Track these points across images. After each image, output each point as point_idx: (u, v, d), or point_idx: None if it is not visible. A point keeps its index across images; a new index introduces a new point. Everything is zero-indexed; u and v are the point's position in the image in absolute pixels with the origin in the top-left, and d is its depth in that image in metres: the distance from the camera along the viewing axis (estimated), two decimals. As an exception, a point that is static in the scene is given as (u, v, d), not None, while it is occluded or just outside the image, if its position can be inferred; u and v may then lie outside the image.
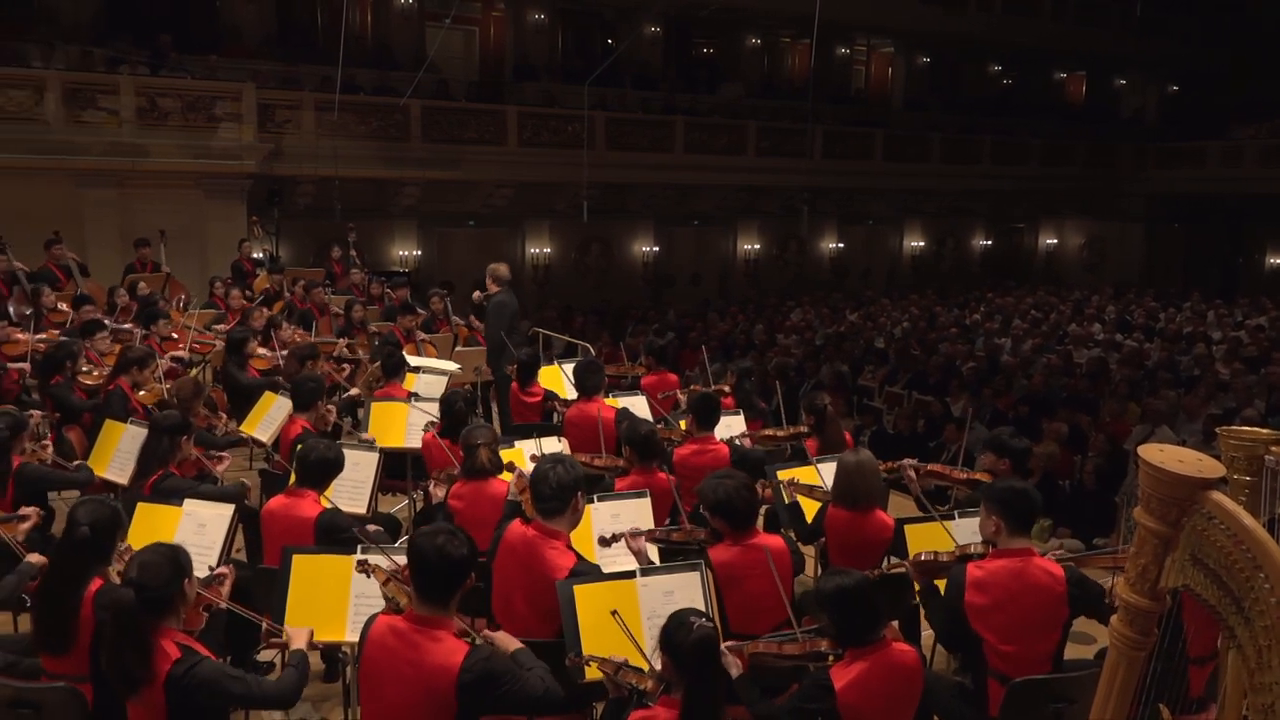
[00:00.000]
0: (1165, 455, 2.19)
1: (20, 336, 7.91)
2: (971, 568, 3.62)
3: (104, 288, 10.48)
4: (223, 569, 3.36)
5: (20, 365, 7.48)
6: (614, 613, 3.28)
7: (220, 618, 3.33)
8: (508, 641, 3.18)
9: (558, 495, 3.77)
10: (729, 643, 3.34)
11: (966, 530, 4.34)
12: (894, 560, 4.30)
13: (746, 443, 6.11)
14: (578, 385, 6.36)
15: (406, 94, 16.44)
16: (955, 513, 4.57)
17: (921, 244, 26.10)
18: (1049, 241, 28.40)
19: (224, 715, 3.10)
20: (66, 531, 3.44)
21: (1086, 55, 27.08)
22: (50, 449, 5.43)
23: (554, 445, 5.59)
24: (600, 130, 18.89)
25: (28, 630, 4.06)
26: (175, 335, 8.48)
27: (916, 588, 4.04)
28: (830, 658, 3.22)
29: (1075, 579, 3.59)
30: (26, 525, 4.15)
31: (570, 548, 3.80)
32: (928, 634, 4.75)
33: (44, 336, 8.16)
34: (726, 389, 7.04)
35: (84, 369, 6.98)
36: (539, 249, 20.63)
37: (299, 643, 3.22)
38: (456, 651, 2.88)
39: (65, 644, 3.32)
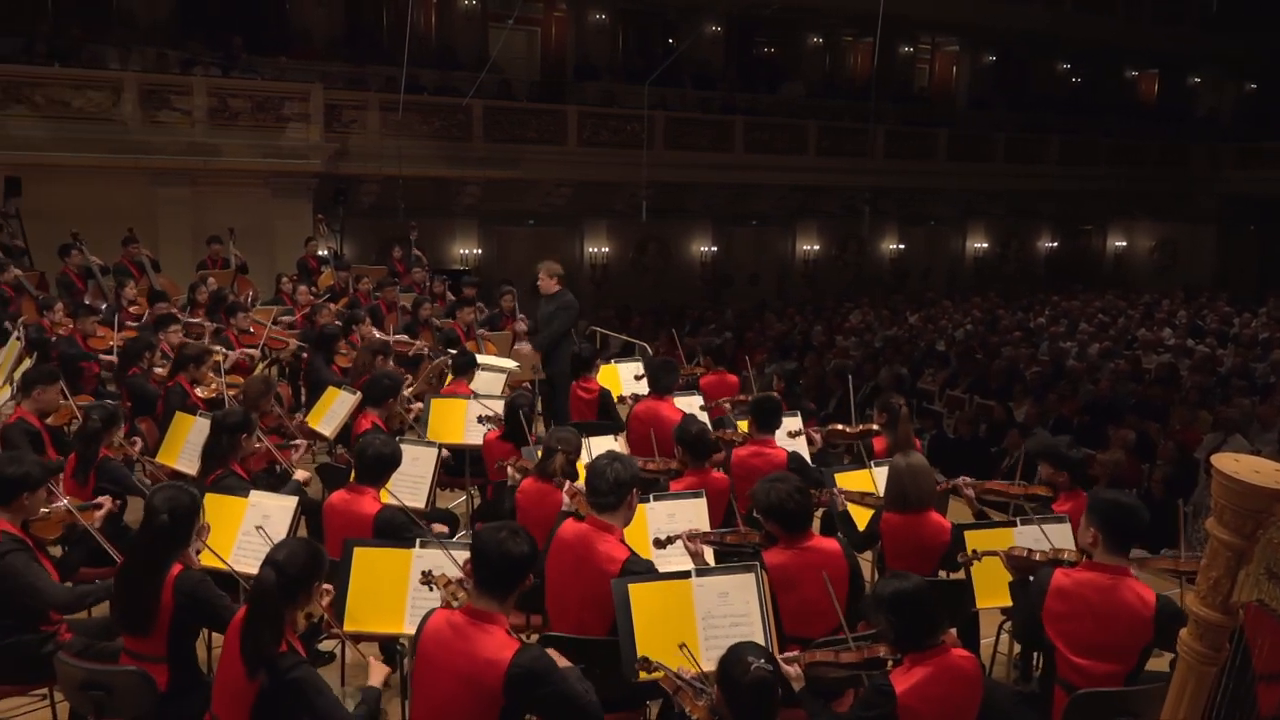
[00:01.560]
0: (1241, 465, 2.13)
1: (104, 330, 8.17)
2: (1059, 573, 3.52)
3: (176, 283, 10.79)
4: (326, 585, 3.43)
5: (109, 358, 7.75)
6: (681, 646, 3.24)
7: (316, 627, 3.40)
8: (558, 660, 3.17)
9: (614, 491, 3.79)
10: (787, 654, 3.31)
11: (1029, 538, 4.25)
12: (977, 551, 4.18)
13: (816, 438, 6.07)
14: (651, 382, 6.38)
15: (469, 94, 16.63)
16: (1018, 520, 4.48)
17: (985, 245, 25.65)
18: (1118, 244, 27.70)
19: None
20: (146, 519, 3.55)
21: (1160, 52, 26.36)
22: (139, 445, 5.59)
23: (610, 445, 5.60)
24: (659, 130, 18.91)
25: (102, 615, 4.21)
26: (251, 329, 8.70)
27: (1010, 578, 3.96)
28: (889, 663, 3.17)
29: (1169, 611, 3.41)
30: (101, 513, 4.29)
31: (623, 541, 3.82)
32: (986, 640, 4.69)
33: (124, 333, 8.42)
34: (774, 394, 6.99)
35: (159, 362, 7.18)
36: (597, 248, 20.72)
37: (376, 680, 3.23)
38: (507, 647, 2.91)
39: (146, 627, 3.43)
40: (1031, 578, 3.71)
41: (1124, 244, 27.65)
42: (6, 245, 10.68)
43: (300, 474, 5.15)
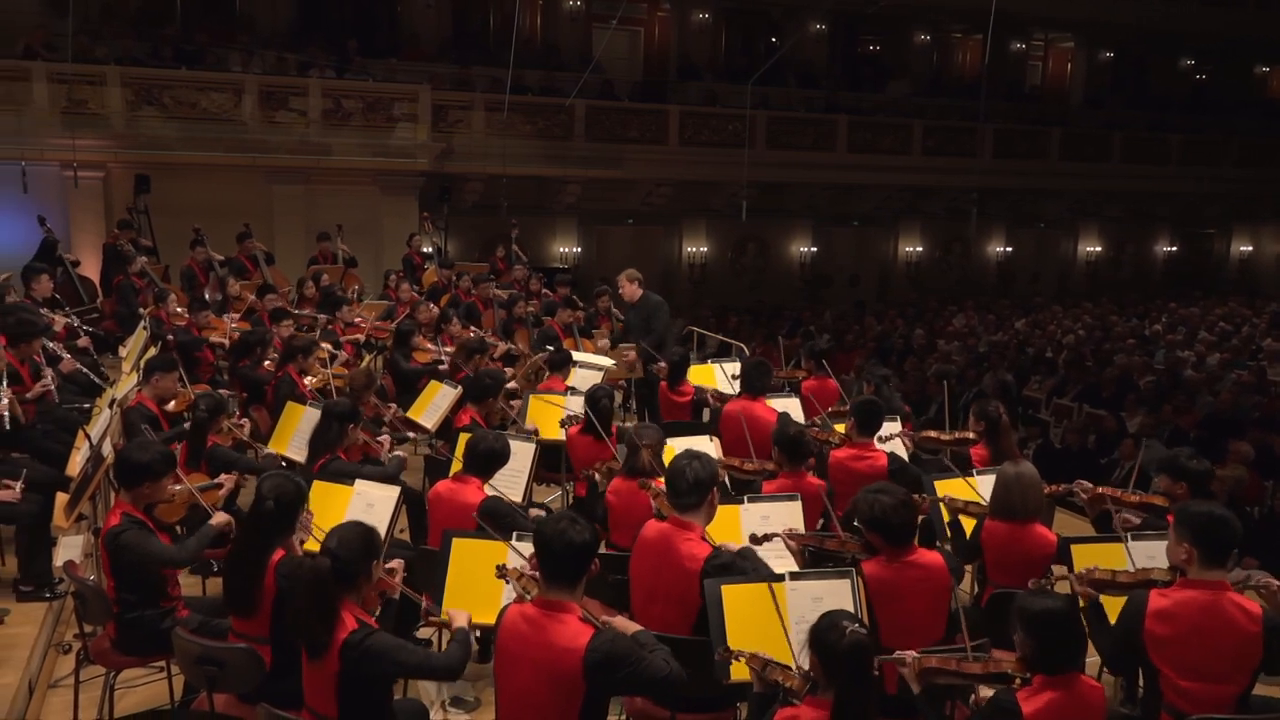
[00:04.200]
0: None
1: (217, 322, 8.56)
2: (1155, 595, 3.36)
3: (287, 277, 11.22)
4: (396, 562, 3.53)
5: (220, 339, 8.11)
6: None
7: (392, 605, 3.50)
8: (626, 624, 3.22)
9: (694, 490, 3.79)
10: (908, 653, 3.24)
11: (1141, 555, 4.08)
12: (1057, 571, 4.06)
13: (907, 443, 5.95)
14: (745, 383, 6.35)
15: (572, 94, 16.82)
16: (1129, 534, 4.30)
17: (1098, 249, 24.70)
18: (1243, 249, 26.33)
19: (388, 687, 3.26)
20: (255, 504, 3.72)
21: (1293, 47, 24.96)
22: (247, 427, 5.84)
23: (706, 446, 5.59)
24: (761, 129, 18.79)
25: (216, 593, 4.41)
26: (358, 321, 8.98)
27: (1082, 604, 3.77)
28: (1017, 680, 3.05)
29: (1277, 625, 3.24)
30: (223, 492, 4.50)
31: (705, 539, 3.81)
32: (1092, 660, 4.52)
33: (236, 325, 8.79)
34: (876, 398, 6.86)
35: (271, 354, 7.47)
36: (695, 247, 20.70)
37: (459, 622, 3.37)
38: (582, 634, 2.95)
39: (250, 608, 3.59)
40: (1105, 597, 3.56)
41: (1249, 248, 26.28)
42: (135, 239, 11.25)
43: (380, 451, 5.31)
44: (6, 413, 5.46)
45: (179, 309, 8.69)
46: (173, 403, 5.96)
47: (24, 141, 12.48)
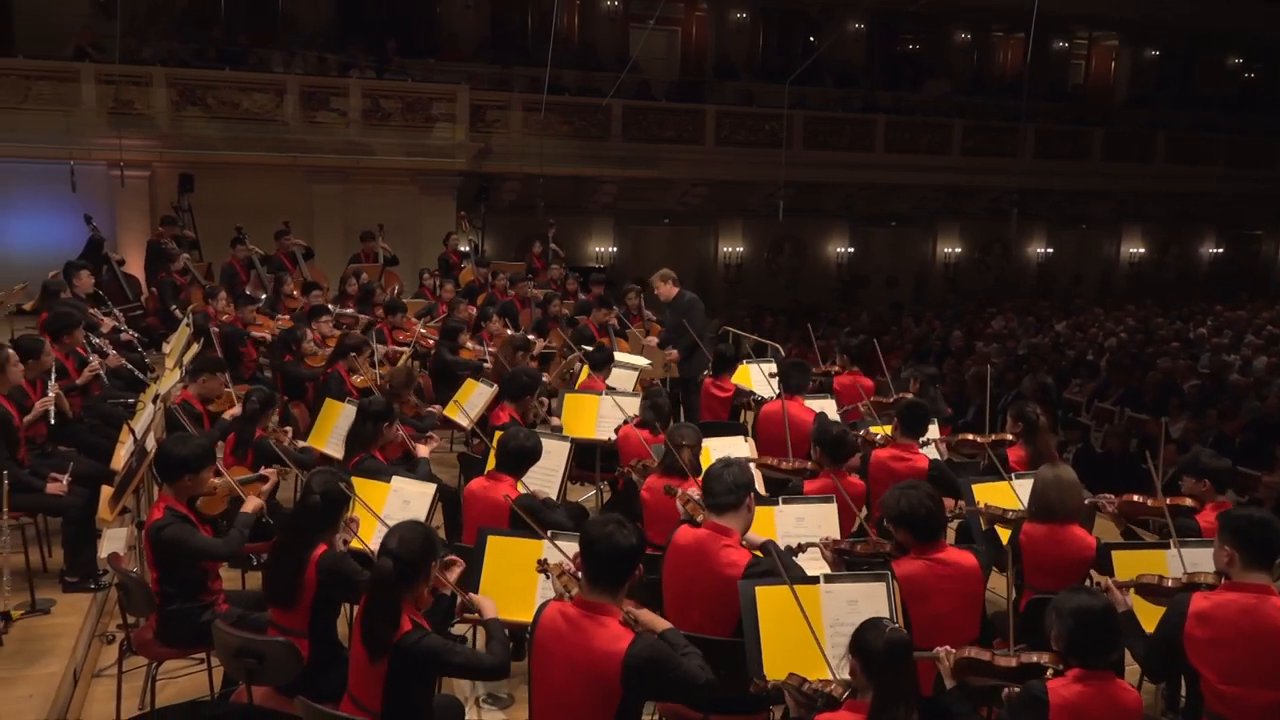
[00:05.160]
0: None
1: (262, 319, 8.67)
2: (1197, 597, 3.34)
3: (325, 273, 11.34)
4: (456, 558, 3.55)
5: (261, 333, 8.23)
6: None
7: (442, 601, 3.53)
8: (654, 620, 3.20)
9: (731, 491, 3.78)
10: (943, 648, 3.23)
11: (1186, 562, 4.01)
12: (1099, 577, 4.01)
13: (942, 448, 5.90)
14: (782, 381, 6.33)
15: (609, 94, 16.84)
16: (1170, 541, 4.23)
17: (1141, 251, 24.29)
18: (1292, 250, 25.81)
19: (432, 683, 3.28)
20: (301, 498, 3.76)
21: (1347, 45, 24.39)
22: (290, 434, 5.91)
23: (741, 446, 5.58)
24: (798, 129, 18.71)
25: (255, 587, 4.47)
26: (406, 325, 9.04)
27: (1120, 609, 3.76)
28: (1049, 672, 3.03)
29: None
30: (267, 485, 4.57)
31: (742, 545, 3.79)
32: (1131, 668, 4.45)
33: (279, 322, 8.90)
34: (910, 395, 6.80)
35: (310, 350, 7.55)
36: (731, 247, 20.65)
37: (488, 612, 3.37)
38: (622, 638, 2.94)
39: (291, 601, 3.63)
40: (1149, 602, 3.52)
41: (1299, 251, 25.73)
42: (179, 236, 11.43)
43: (422, 449, 5.33)
44: (54, 407, 5.58)
45: (227, 306, 8.82)
46: (215, 403, 6.05)
47: (73, 142, 12.73)
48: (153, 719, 3.92)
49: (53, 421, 5.59)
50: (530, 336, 8.34)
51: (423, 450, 5.48)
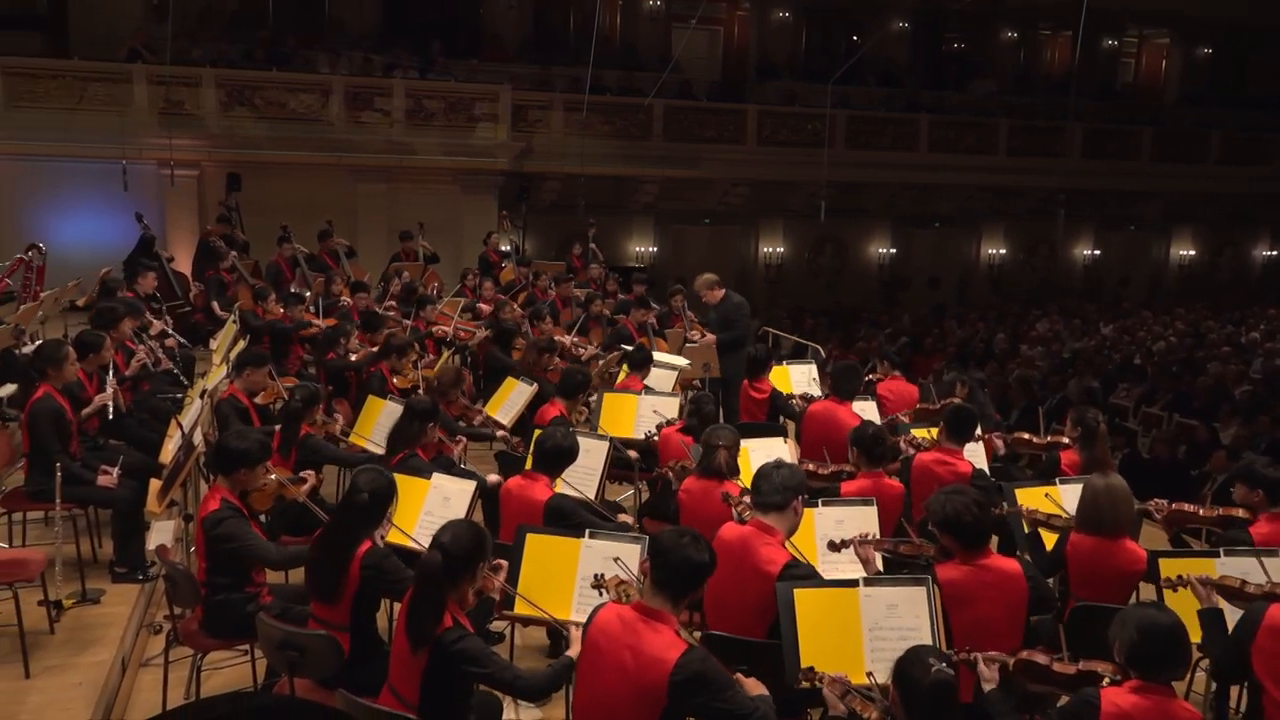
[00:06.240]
0: None
1: (309, 317, 8.77)
2: (1275, 609, 3.28)
3: (366, 270, 11.47)
4: (502, 561, 3.57)
5: (312, 330, 8.35)
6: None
7: (487, 602, 3.54)
8: (756, 688, 3.11)
9: (779, 492, 3.77)
10: (991, 652, 3.18)
11: (1234, 571, 3.92)
12: (1181, 571, 3.92)
13: (999, 445, 5.82)
14: (833, 386, 6.30)
15: (651, 94, 16.85)
16: (1221, 549, 4.14)
17: (1192, 253, 23.80)
18: (1349, 253, 25.12)
19: (470, 689, 3.30)
20: (348, 495, 3.81)
21: None
22: (340, 422, 5.99)
23: (780, 447, 5.55)
24: (840, 129, 18.57)
25: (297, 581, 4.53)
26: (440, 320, 9.14)
27: (1200, 606, 3.72)
28: (1105, 680, 2.98)
29: None
30: (305, 487, 4.62)
31: (785, 545, 3.78)
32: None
33: (326, 320, 9.00)
34: (957, 401, 6.73)
35: (354, 348, 7.64)
36: (772, 248, 20.56)
37: (574, 651, 3.28)
38: (674, 647, 2.92)
39: (333, 596, 3.68)
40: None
41: (1357, 254, 25.04)
42: (229, 236, 11.62)
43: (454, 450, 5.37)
44: (111, 402, 5.71)
45: (276, 305, 8.95)
46: (260, 396, 6.15)
47: (125, 142, 12.98)
48: (197, 708, 3.99)
49: (110, 416, 5.72)
50: (556, 337, 8.36)
51: (456, 452, 5.52)
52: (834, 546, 4.08)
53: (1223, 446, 9.48)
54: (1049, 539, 4.48)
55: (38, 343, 6.06)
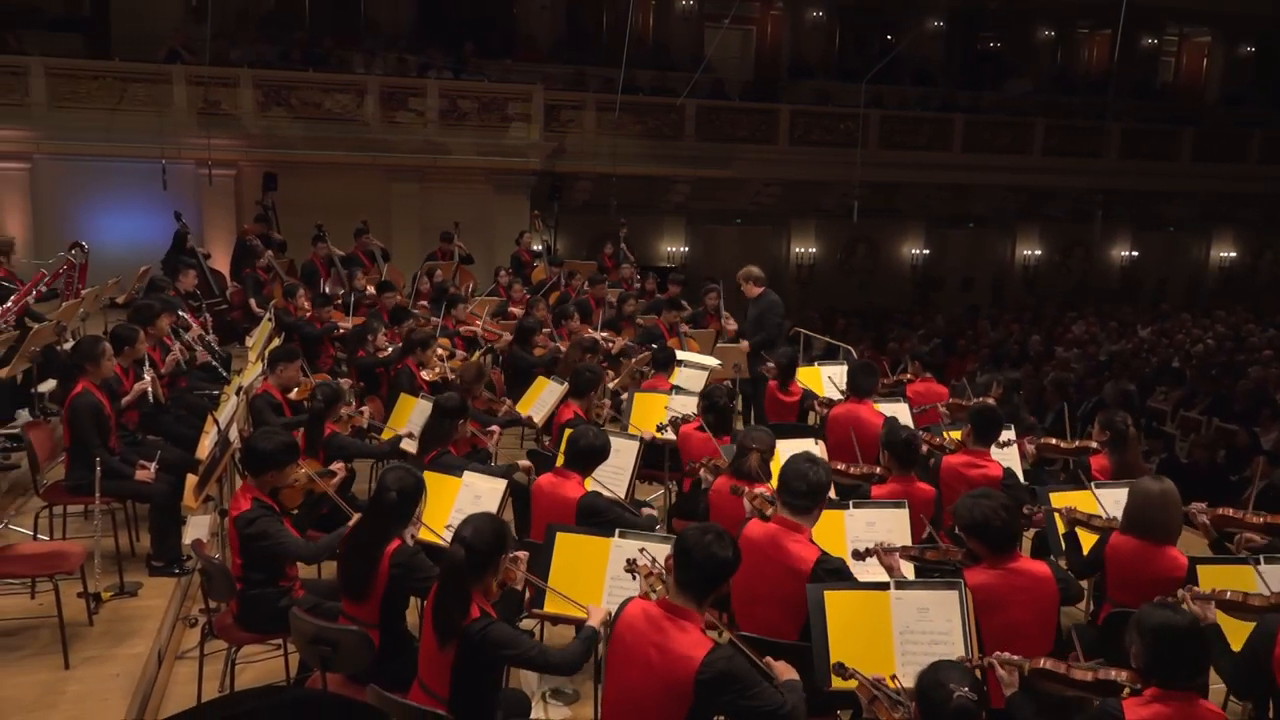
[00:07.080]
0: None
1: (339, 316, 8.87)
2: None
3: (402, 272, 11.56)
4: (521, 553, 3.60)
5: (345, 327, 8.44)
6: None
7: (513, 596, 3.57)
8: (786, 672, 3.11)
9: (809, 494, 3.76)
10: (1005, 654, 3.15)
11: (1273, 578, 3.85)
12: (1186, 590, 3.86)
13: (1029, 450, 5.77)
14: (850, 385, 6.26)
15: (683, 94, 16.83)
16: (1261, 557, 4.07)
17: (1233, 254, 23.39)
18: (1395, 255, 24.57)
19: (500, 675, 3.33)
20: (376, 493, 3.85)
21: None
22: (366, 415, 6.06)
23: (812, 449, 5.52)
24: (874, 128, 18.45)
25: (329, 576, 4.58)
26: (469, 319, 9.20)
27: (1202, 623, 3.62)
28: (1126, 690, 2.94)
29: None
30: (335, 480, 4.68)
31: (813, 541, 3.76)
32: (1217, 687, 4.29)
33: (355, 319, 9.09)
34: (991, 401, 6.66)
35: (382, 345, 7.70)
36: (804, 248, 20.46)
37: (594, 621, 3.40)
38: (701, 645, 2.92)
39: (364, 593, 3.72)
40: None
41: (1405, 256, 24.48)
42: (266, 235, 11.77)
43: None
44: (150, 389, 5.81)
45: (306, 304, 9.05)
46: (295, 391, 6.22)
47: (164, 141, 13.17)
48: (231, 701, 4.04)
49: (151, 402, 5.81)
50: (600, 336, 8.38)
51: (491, 443, 5.55)
52: (858, 555, 4.04)
53: (1263, 451, 9.32)
54: (1086, 542, 4.42)
55: (76, 339, 6.18)
